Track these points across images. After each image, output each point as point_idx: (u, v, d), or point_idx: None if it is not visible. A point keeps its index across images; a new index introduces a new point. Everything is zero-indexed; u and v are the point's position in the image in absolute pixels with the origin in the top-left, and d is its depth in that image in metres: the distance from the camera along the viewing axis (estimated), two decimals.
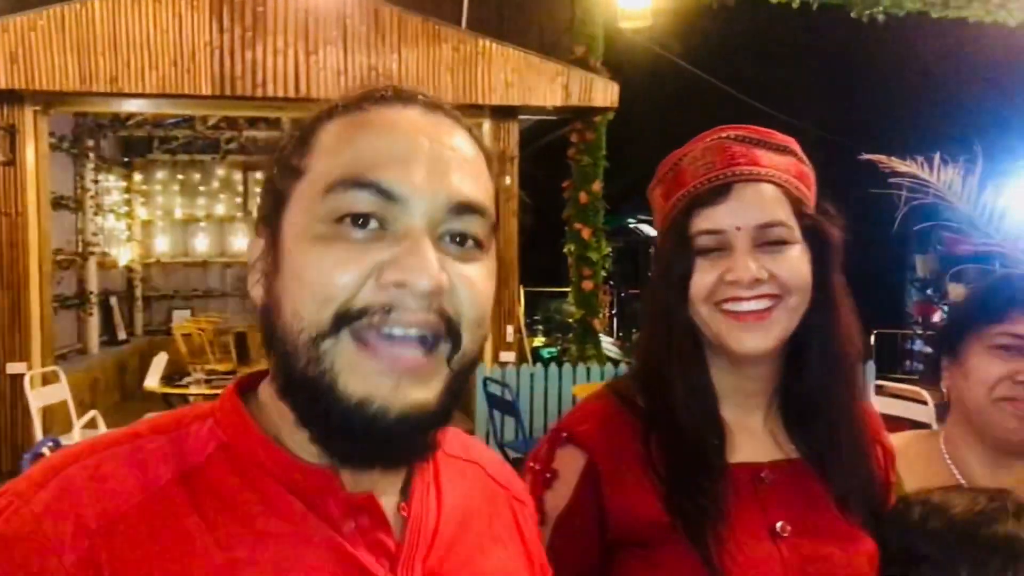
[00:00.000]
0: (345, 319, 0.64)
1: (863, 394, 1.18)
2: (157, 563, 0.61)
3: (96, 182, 9.32)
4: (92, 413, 4.67)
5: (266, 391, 0.72)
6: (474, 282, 0.68)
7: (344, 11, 6.42)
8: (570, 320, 7.85)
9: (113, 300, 9.85)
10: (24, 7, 6.20)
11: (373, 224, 0.65)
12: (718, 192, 1.05)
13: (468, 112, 7.03)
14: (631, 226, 14.68)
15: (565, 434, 1.09)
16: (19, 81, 6.03)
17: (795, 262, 1.05)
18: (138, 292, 10.76)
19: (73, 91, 6.24)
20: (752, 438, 1.10)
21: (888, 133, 8.59)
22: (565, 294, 8.29)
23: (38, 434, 5.20)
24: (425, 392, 0.66)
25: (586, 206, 7.51)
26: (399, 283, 0.63)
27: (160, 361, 6.33)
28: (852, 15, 8.52)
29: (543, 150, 8.86)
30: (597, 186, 7.50)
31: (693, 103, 10.37)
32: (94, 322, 9.02)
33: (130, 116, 9.14)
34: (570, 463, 1.07)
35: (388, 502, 0.72)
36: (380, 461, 0.68)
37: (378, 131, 0.68)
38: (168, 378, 6.27)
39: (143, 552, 0.61)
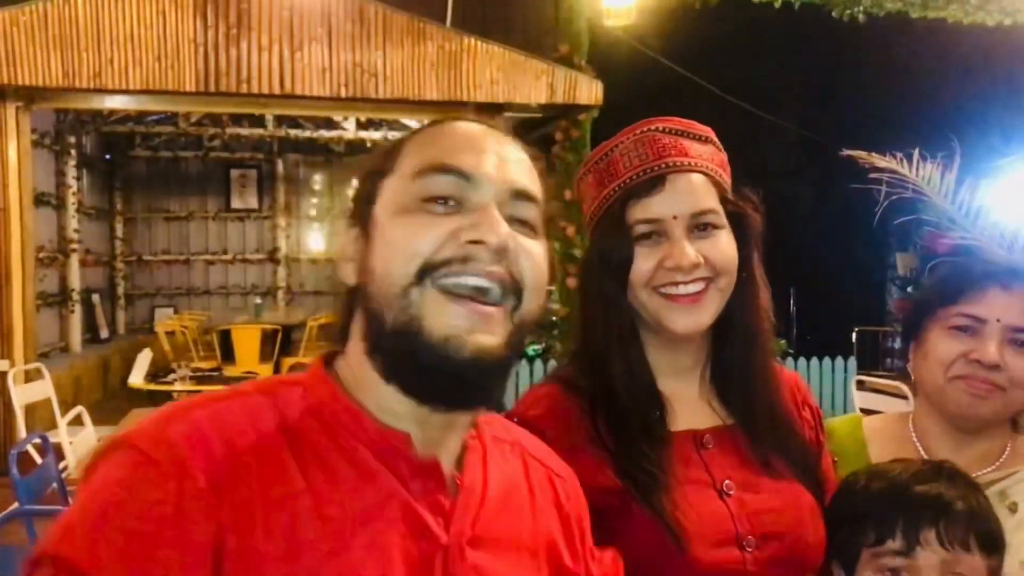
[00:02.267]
0: (428, 270, 0.76)
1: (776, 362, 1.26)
2: (261, 493, 0.72)
3: (78, 179, 9.27)
4: (78, 409, 4.65)
5: (345, 365, 0.84)
6: (534, 254, 0.81)
7: (329, 8, 6.43)
8: (554, 318, 7.89)
9: (95, 298, 9.80)
10: (6, 2, 6.16)
11: (452, 204, 0.79)
12: (653, 183, 1.13)
13: (453, 109, 7.05)
14: None
15: (517, 419, 1.14)
16: (2, 77, 5.99)
17: (724, 246, 1.13)
18: (120, 290, 10.72)
19: (56, 87, 6.20)
20: (690, 408, 1.17)
21: (869, 131, 8.69)
22: (550, 292, 8.33)
23: (21, 431, 5.18)
24: (492, 338, 0.77)
25: (571, 203, 7.53)
26: (475, 240, 0.77)
27: (144, 358, 6.31)
28: (833, 15, 8.62)
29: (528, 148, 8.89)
30: None
31: (677, 101, 10.44)
32: (76, 320, 8.98)
33: (112, 113, 9.09)
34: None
35: (446, 470, 0.82)
36: (456, 398, 0.79)
37: (455, 134, 0.84)
38: (153, 375, 6.25)
39: (254, 482, 0.72)
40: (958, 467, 1.17)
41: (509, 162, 0.83)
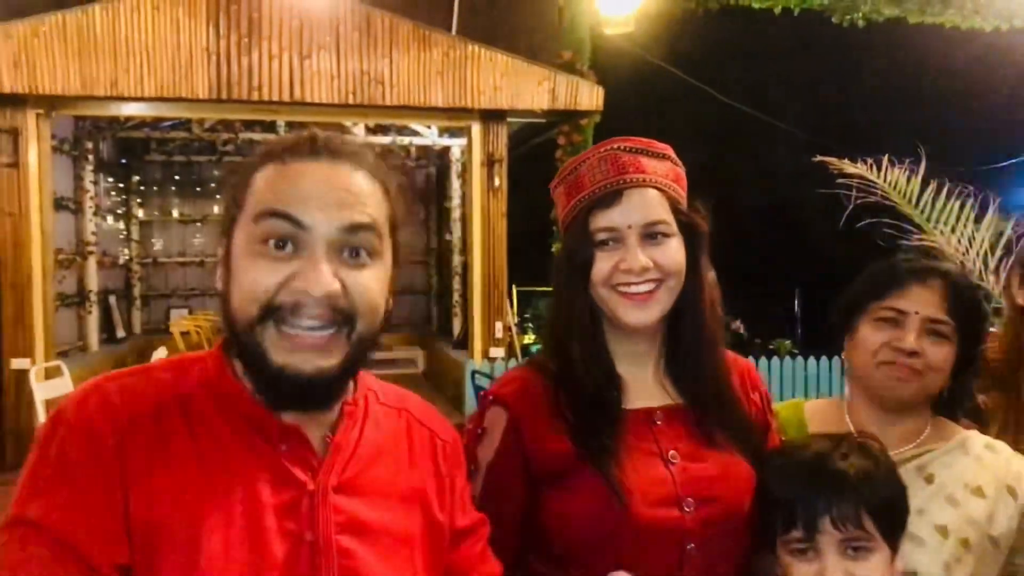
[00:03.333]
0: (268, 313, 0.93)
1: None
2: (155, 447, 0.92)
3: (95, 183, 9.50)
4: None
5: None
6: (365, 284, 0.97)
7: (337, 17, 6.63)
8: None
9: (112, 299, 10.04)
10: (27, 13, 6.40)
11: (289, 246, 0.94)
12: (612, 197, 1.30)
13: (457, 115, 7.25)
14: None
15: (491, 397, 1.34)
16: (22, 85, 6.22)
17: (673, 252, 1.31)
18: (136, 291, 10.96)
19: (74, 95, 6.43)
20: (645, 389, 1.35)
21: (870, 134, 8.82)
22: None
23: None
24: (330, 360, 0.95)
25: None
26: (301, 291, 0.93)
27: (159, 355, 6.53)
28: (833, 20, 8.76)
29: (532, 152, 9.07)
30: None
31: (680, 105, 10.58)
32: (94, 320, 9.20)
33: (128, 119, 9.32)
34: (496, 420, 1.32)
35: (316, 433, 1.01)
36: (299, 406, 0.98)
37: (292, 178, 0.96)
38: None
39: (150, 439, 0.92)
40: (859, 439, 1.32)
41: (343, 199, 0.96)
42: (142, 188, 11.20)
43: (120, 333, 10.03)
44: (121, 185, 10.80)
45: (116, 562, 0.88)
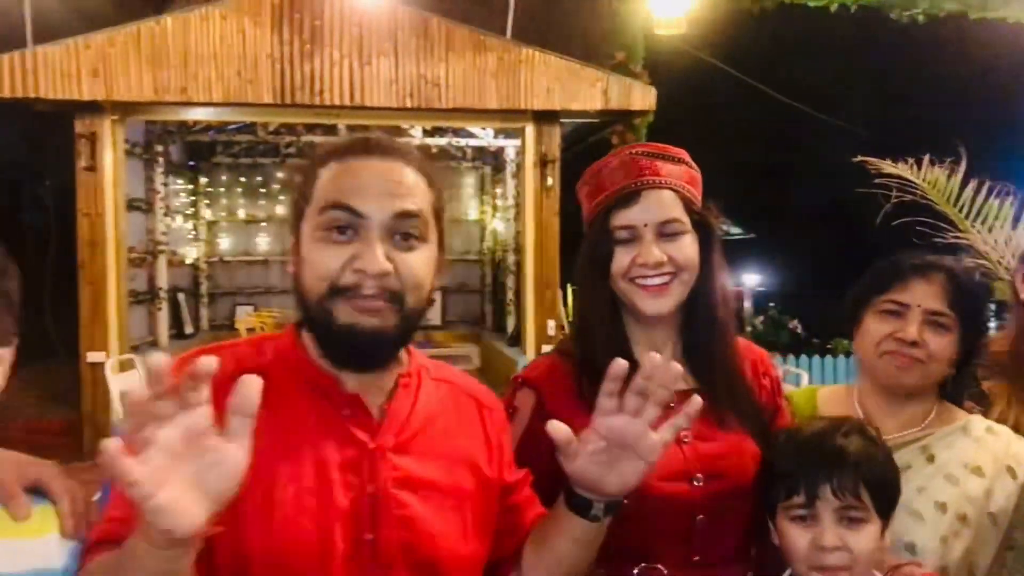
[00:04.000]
0: (334, 291, 1.11)
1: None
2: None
3: (165, 185, 9.88)
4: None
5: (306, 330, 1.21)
6: (413, 264, 1.13)
7: (396, 24, 6.83)
8: None
9: (181, 296, 10.44)
10: (104, 25, 6.74)
11: (349, 232, 1.12)
12: (631, 197, 1.43)
13: (512, 117, 7.39)
14: None
15: (521, 380, 1.49)
16: (100, 93, 6.55)
17: (687, 248, 1.44)
18: (203, 289, 11.35)
19: (147, 101, 6.75)
20: None
21: (929, 131, 8.70)
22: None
23: (118, 415, 5.71)
24: (383, 323, 1.11)
25: None
26: (359, 270, 1.10)
27: None
28: (892, 16, 8.67)
29: (586, 151, 9.17)
30: None
31: (735, 104, 10.57)
32: (163, 317, 9.59)
33: (196, 123, 9.67)
34: (525, 400, 1.47)
35: (375, 402, 1.18)
36: (360, 363, 1.15)
37: (350, 174, 1.15)
38: None
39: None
40: (860, 422, 1.43)
41: (392, 191, 1.13)
42: (209, 189, 11.59)
43: (188, 329, 10.42)
44: (189, 186, 11.20)
45: None
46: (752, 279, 12.95)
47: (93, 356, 6.80)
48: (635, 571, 1.39)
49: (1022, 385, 1.79)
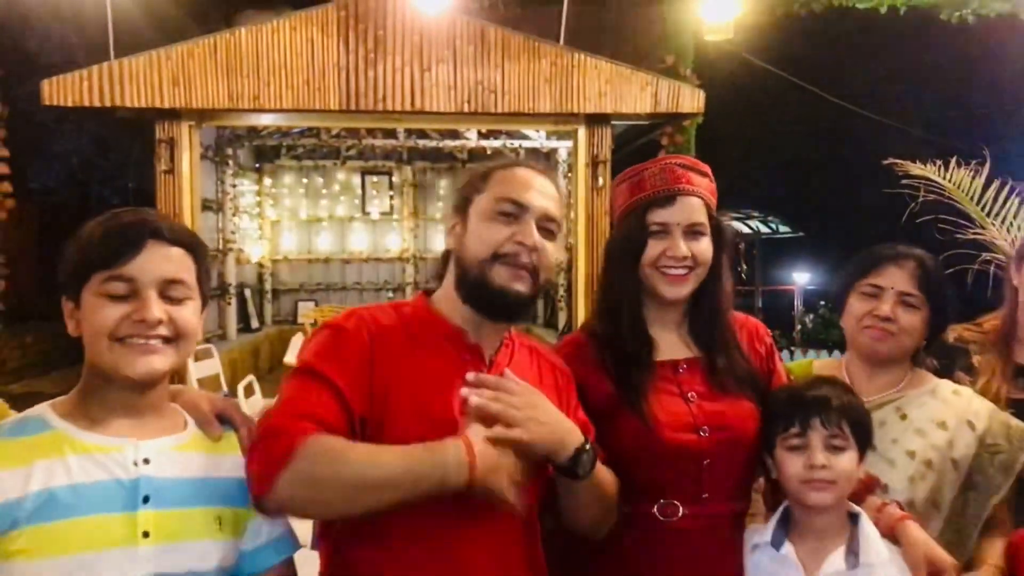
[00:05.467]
0: (497, 256, 1.52)
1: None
2: (393, 349, 1.50)
3: (233, 186, 10.41)
4: (250, 378, 5.66)
5: (438, 294, 1.63)
6: (548, 251, 1.56)
7: (454, 32, 7.17)
8: None
9: (247, 292, 10.96)
10: (181, 38, 7.21)
11: (513, 217, 1.54)
12: (667, 199, 1.75)
13: (564, 120, 7.69)
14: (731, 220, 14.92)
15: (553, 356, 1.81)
16: (179, 101, 7.00)
17: (705, 247, 1.76)
18: (268, 285, 11.88)
19: (222, 108, 7.18)
20: (673, 345, 1.80)
21: (982, 130, 8.77)
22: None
23: None
24: (525, 288, 1.53)
25: None
26: (520, 241, 1.52)
27: (297, 341, 7.26)
28: (942, 17, 8.75)
29: (637, 152, 9.42)
30: None
31: (784, 105, 10.70)
32: (232, 311, 10.11)
33: (264, 127, 10.16)
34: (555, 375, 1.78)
35: (487, 352, 1.58)
36: (503, 315, 1.56)
37: (520, 178, 1.59)
38: None
39: (387, 343, 1.50)
40: (839, 381, 1.78)
41: (545, 195, 1.58)
42: (273, 190, 12.10)
43: (254, 324, 10.94)
44: (255, 188, 11.73)
45: (361, 410, 1.42)
46: (802, 277, 13.04)
47: None
48: (655, 507, 1.70)
49: (1007, 360, 2.07)
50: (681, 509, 1.69)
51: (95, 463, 1.32)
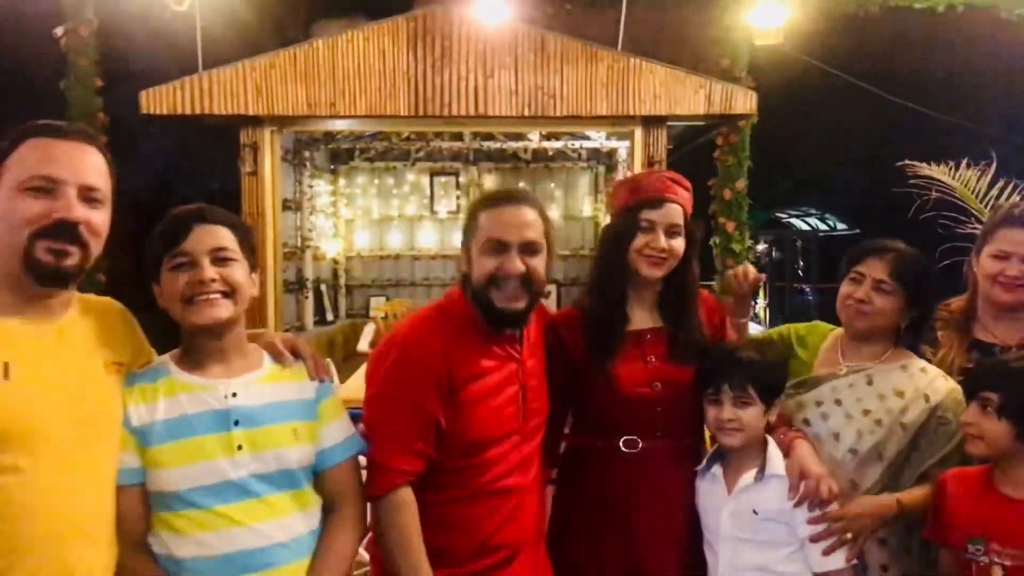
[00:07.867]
0: (492, 280, 2.04)
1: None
2: (458, 347, 2.07)
3: (310, 187, 11.02)
4: (327, 361, 6.15)
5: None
6: (534, 267, 2.07)
7: (516, 41, 7.58)
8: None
9: (323, 287, 11.58)
10: (261, 50, 7.79)
11: (501, 248, 2.04)
12: (657, 202, 2.20)
13: (621, 122, 8.03)
14: (784, 220, 15.04)
15: (550, 321, 2.31)
16: (263, 108, 7.56)
17: (679, 244, 2.23)
18: (342, 281, 12.48)
19: (301, 115, 7.73)
20: (645, 318, 2.27)
21: None
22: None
23: None
24: (522, 304, 2.08)
25: (730, 202, 8.33)
26: (506, 271, 2.03)
27: (369, 330, 7.78)
28: (1001, 15, 8.78)
29: (695, 151, 9.68)
30: (740, 184, 8.29)
31: (840, 104, 10.80)
32: (309, 305, 10.72)
33: (339, 132, 10.74)
34: (551, 336, 2.28)
35: (517, 332, 2.17)
36: (508, 326, 2.12)
37: (499, 216, 2.08)
38: (373, 344, 7.67)
39: (453, 342, 2.07)
40: (768, 340, 2.26)
41: (524, 228, 2.04)
42: (346, 191, 12.68)
43: (330, 316, 11.55)
44: (329, 188, 12.34)
45: (438, 414, 1.91)
46: None
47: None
48: (620, 441, 2.20)
49: (964, 336, 2.39)
50: (640, 443, 2.19)
51: (197, 398, 1.82)
